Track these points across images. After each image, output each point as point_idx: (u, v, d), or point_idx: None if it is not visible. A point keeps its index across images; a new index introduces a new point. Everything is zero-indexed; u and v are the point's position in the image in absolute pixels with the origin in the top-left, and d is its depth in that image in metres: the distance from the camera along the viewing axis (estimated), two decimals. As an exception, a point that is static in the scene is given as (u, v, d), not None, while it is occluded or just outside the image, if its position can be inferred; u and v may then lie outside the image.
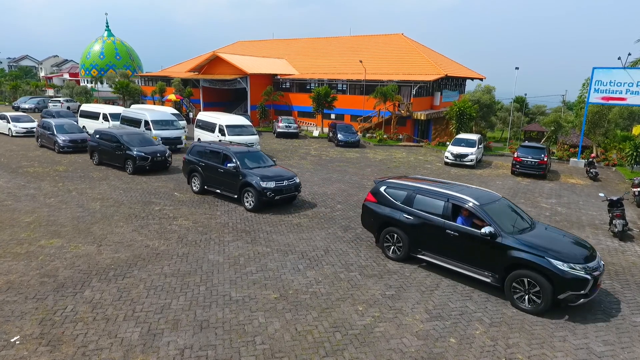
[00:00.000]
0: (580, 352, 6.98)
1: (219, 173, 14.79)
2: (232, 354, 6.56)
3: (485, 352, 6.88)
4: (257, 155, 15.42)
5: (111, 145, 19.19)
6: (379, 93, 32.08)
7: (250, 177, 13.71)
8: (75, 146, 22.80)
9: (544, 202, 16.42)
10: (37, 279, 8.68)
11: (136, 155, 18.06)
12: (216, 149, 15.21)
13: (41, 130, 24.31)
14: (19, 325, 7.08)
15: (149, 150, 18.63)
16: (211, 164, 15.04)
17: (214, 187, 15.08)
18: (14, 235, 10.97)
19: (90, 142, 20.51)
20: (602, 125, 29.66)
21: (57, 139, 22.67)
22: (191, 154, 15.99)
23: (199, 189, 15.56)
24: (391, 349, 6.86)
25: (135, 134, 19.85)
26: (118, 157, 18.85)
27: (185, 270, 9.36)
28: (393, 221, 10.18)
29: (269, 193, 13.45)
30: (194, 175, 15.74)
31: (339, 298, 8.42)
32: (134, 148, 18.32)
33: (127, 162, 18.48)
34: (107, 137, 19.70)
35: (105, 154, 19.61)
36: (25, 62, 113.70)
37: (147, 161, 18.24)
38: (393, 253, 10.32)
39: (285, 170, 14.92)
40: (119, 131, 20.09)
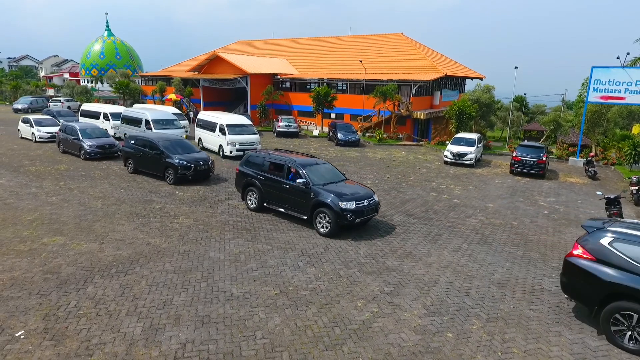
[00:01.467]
0: (575, 346, 7.10)
1: (283, 189, 12.77)
2: (233, 348, 6.68)
3: (482, 346, 6.99)
4: (327, 168, 13.28)
5: (149, 152, 17.45)
6: (379, 92, 32.18)
7: (324, 195, 11.64)
8: (102, 152, 21.01)
9: (543, 201, 16.53)
10: (40, 276, 8.79)
11: (178, 164, 16.40)
12: (278, 161, 13.14)
13: (63, 135, 22.44)
14: (23, 321, 7.20)
15: (191, 158, 16.98)
16: (272, 178, 13.07)
17: (277, 205, 13.09)
18: (17, 233, 11.09)
19: (124, 147, 18.81)
20: (601, 125, 29.79)
21: (83, 144, 20.87)
22: (247, 165, 14.04)
23: (256, 206, 13.61)
24: (389, 343, 6.98)
25: (175, 140, 18.01)
26: (157, 165, 17.18)
27: (186, 267, 9.48)
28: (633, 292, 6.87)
29: (348, 215, 11.29)
30: (250, 190, 13.76)
31: (338, 294, 8.54)
32: (175, 156, 16.69)
33: (167, 172, 16.85)
34: (144, 143, 17.95)
35: (142, 161, 17.94)
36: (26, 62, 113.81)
37: (190, 170, 16.60)
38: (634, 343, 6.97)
39: (361, 187, 12.80)
40: (157, 137, 18.11)
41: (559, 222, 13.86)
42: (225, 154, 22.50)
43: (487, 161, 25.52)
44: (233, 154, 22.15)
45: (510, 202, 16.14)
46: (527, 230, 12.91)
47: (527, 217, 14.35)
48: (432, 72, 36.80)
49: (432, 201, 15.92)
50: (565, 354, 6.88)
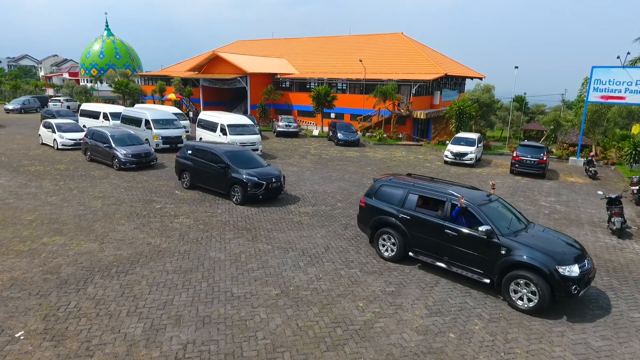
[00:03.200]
0: (578, 347, 7.07)
1: (444, 236, 9.19)
2: (234, 349, 6.64)
3: (484, 347, 6.96)
4: (502, 206, 9.71)
5: (210, 165, 15.12)
6: (379, 92, 32.14)
7: (529, 255, 8.11)
8: (139, 161, 19.03)
9: (543, 201, 16.51)
10: (40, 276, 8.75)
11: (247, 180, 14.03)
12: (434, 194, 9.68)
13: (91, 142, 20.28)
14: (23, 321, 7.16)
15: (262, 173, 14.52)
16: (426, 219, 9.55)
17: (433, 256, 9.51)
18: (17, 233, 11.04)
19: (179, 158, 16.46)
20: (601, 124, 29.77)
21: (117, 153, 18.78)
22: (379, 197, 10.50)
23: (396, 255, 10.04)
24: (391, 343, 6.94)
25: (240, 151, 15.75)
26: (220, 181, 14.85)
27: (187, 267, 9.44)
28: None
29: (572, 288, 7.80)
30: (386, 233, 10.16)
31: (339, 294, 8.50)
32: (243, 170, 14.34)
33: (233, 189, 14.42)
34: (204, 153, 15.52)
35: (201, 175, 15.57)
36: (25, 62, 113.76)
37: (261, 188, 14.13)
38: None
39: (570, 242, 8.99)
40: (220, 147, 15.81)
41: (559, 222, 13.83)
42: None
43: (487, 161, 25.50)
44: None
45: (511, 202, 16.08)
46: (528, 230, 12.87)
47: (528, 216, 14.30)
48: (432, 71, 36.78)
49: (432, 201, 15.87)
50: (568, 354, 6.86)
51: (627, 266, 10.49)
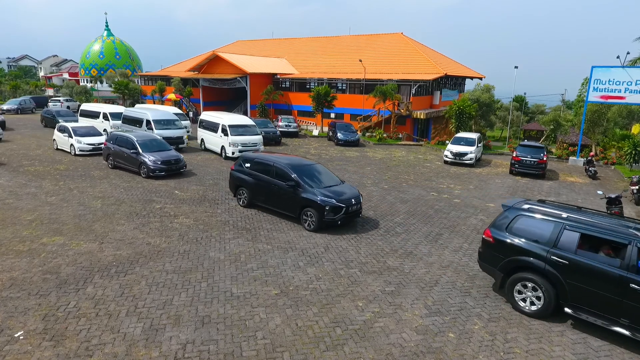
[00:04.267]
0: (577, 346, 7.06)
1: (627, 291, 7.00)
2: (233, 349, 6.64)
3: (484, 346, 6.96)
4: None
5: (276, 183, 12.91)
6: (379, 92, 32.14)
7: None
8: (168, 169, 17.75)
9: (543, 200, 16.49)
10: (39, 276, 8.75)
11: (323, 203, 11.76)
12: (608, 232, 7.43)
13: (115, 148, 18.97)
14: (22, 321, 7.15)
15: (340, 193, 12.21)
16: (599, 270, 7.33)
17: (609, 318, 7.28)
18: (16, 233, 11.04)
19: (235, 172, 14.45)
20: (601, 124, 29.75)
21: (146, 159, 17.52)
22: (515, 233, 8.27)
23: (542, 308, 7.89)
24: (391, 343, 6.94)
25: (311, 166, 13.47)
26: (288, 202, 12.63)
27: (186, 267, 9.44)
28: None
29: None
30: (531, 281, 7.99)
31: (339, 294, 8.50)
32: (317, 190, 12.13)
33: (305, 213, 12.14)
34: (267, 167, 13.37)
35: (264, 194, 13.49)
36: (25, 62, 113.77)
37: (341, 212, 11.86)
38: None
39: None
40: (285, 160, 13.45)
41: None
42: (227, 155, 22.38)
43: (487, 161, 25.49)
44: (235, 155, 22.03)
45: (511, 202, 16.09)
46: (528, 230, 12.86)
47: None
48: (432, 71, 36.79)
49: (432, 201, 15.89)
50: (568, 353, 6.85)
51: (626, 266, 10.47)
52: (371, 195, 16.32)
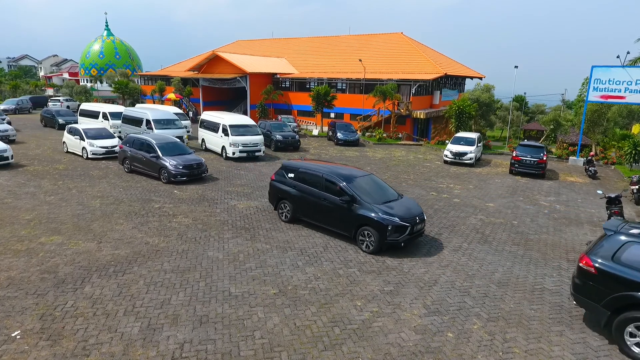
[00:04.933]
0: (577, 346, 7.03)
1: None
2: (231, 348, 6.61)
3: (482, 346, 6.93)
4: None
5: (326, 196, 11.34)
6: (379, 92, 32.11)
7: None
8: (190, 173, 16.89)
9: (543, 200, 16.47)
10: (37, 275, 8.72)
11: (384, 222, 10.22)
12: None
13: (132, 151, 18.09)
14: (19, 320, 7.13)
15: (402, 210, 10.72)
16: None
17: None
18: (15, 233, 11.02)
19: (276, 182, 12.93)
20: (601, 124, 29.72)
21: (167, 164, 16.62)
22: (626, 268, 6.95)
23: None
24: (389, 343, 6.91)
25: (366, 177, 11.91)
26: (341, 218, 11.10)
27: (184, 267, 9.41)
28: None
29: None
30: None
31: (337, 294, 8.47)
32: (376, 206, 10.58)
33: (362, 232, 10.61)
34: (315, 178, 11.85)
35: (311, 208, 11.88)
36: (25, 62, 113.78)
37: (405, 233, 10.35)
38: None
39: None
40: (337, 171, 11.83)
41: (559, 222, 13.80)
42: (228, 155, 22.32)
43: (487, 160, 25.46)
44: (236, 155, 21.97)
45: (511, 202, 16.08)
46: (528, 230, 12.85)
47: (528, 216, 14.29)
48: (432, 71, 36.76)
49: (432, 200, 15.86)
50: (567, 353, 6.82)
51: (626, 265, 10.44)
52: (370, 195, 16.28)
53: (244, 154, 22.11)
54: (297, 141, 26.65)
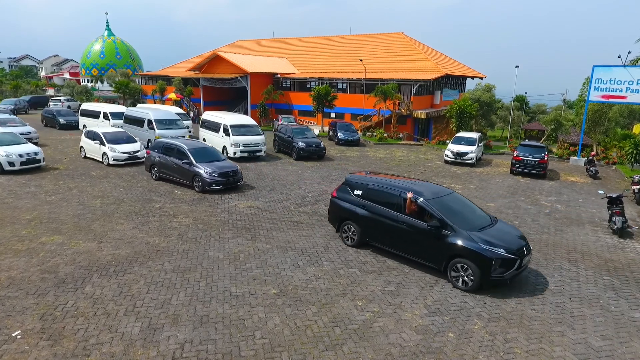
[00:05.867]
0: (578, 346, 7.01)
1: None
2: (232, 348, 6.60)
3: (483, 346, 6.91)
4: None
5: (404, 218, 9.66)
6: (379, 92, 32.09)
7: None
8: (226, 181, 15.71)
9: (544, 200, 16.44)
10: (38, 275, 8.72)
11: (489, 254, 8.47)
12: None
13: (161, 157, 16.88)
14: (20, 320, 7.12)
15: (505, 238, 8.99)
16: None
17: None
18: (15, 232, 11.01)
19: (337, 199, 11.26)
20: (602, 124, 29.63)
21: (201, 171, 15.45)
22: None
23: None
24: (390, 343, 6.89)
25: (450, 196, 10.21)
26: (426, 245, 9.38)
27: (185, 267, 9.40)
28: None
29: None
30: None
31: (338, 294, 8.46)
32: (475, 234, 8.85)
33: (454, 266, 8.88)
34: (390, 196, 10.07)
35: (387, 232, 10.07)
36: (26, 62, 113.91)
37: (513, 268, 8.58)
38: None
39: None
40: (418, 188, 9.94)
41: (560, 222, 13.77)
42: (229, 155, 22.28)
43: (488, 160, 25.42)
44: (237, 155, 21.94)
45: (512, 201, 16.05)
46: (529, 229, 12.82)
47: (529, 216, 14.26)
48: (433, 71, 36.73)
49: (432, 200, 15.81)
50: (568, 354, 6.80)
51: (628, 266, 10.42)
52: (371, 195, 16.27)
53: (245, 154, 22.09)
54: (322, 149, 23.65)
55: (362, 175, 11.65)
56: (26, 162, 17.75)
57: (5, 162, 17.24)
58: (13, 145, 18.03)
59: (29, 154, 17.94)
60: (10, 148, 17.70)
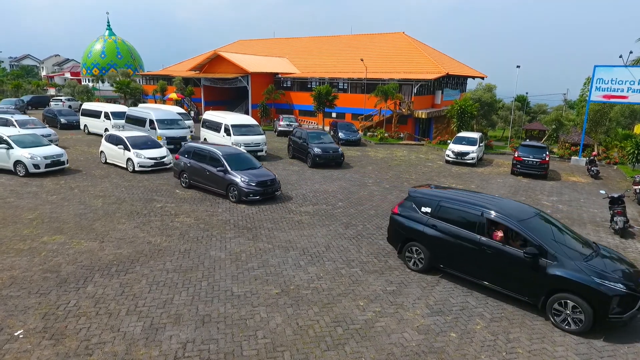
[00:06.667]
0: (581, 347, 7.00)
1: None
2: (234, 348, 6.60)
3: (486, 346, 6.90)
4: None
5: (493, 245, 8.29)
6: (380, 92, 32.09)
7: None
8: (264, 191, 14.48)
9: (546, 200, 16.43)
10: (40, 275, 8.72)
11: (605, 289, 7.14)
12: None
13: (192, 163, 15.70)
14: (22, 320, 7.12)
15: (623, 273, 7.59)
16: None
17: None
18: (17, 232, 11.02)
19: (400, 217, 9.88)
20: (604, 124, 29.60)
21: (237, 180, 14.24)
22: None
23: None
24: (392, 343, 6.89)
25: (534, 219, 8.66)
26: (525, 278, 7.93)
27: (187, 266, 9.41)
28: None
29: None
30: None
31: (340, 293, 8.45)
32: (577, 262, 7.59)
33: (562, 302, 7.48)
34: (468, 216, 8.74)
35: (467, 257, 8.71)
36: (27, 62, 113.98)
37: (634, 307, 7.23)
38: None
39: None
40: (505, 208, 8.72)
41: (562, 221, 13.73)
42: None
43: (489, 160, 25.41)
44: None
45: (513, 201, 16.02)
46: (530, 230, 12.79)
47: (530, 216, 14.23)
48: (434, 71, 36.71)
49: (434, 200, 15.80)
50: (571, 354, 6.79)
51: (629, 266, 10.40)
52: (373, 195, 16.28)
53: None
54: (340, 155, 21.61)
55: (428, 189, 10.29)
56: (51, 164, 17.31)
57: (30, 164, 16.75)
58: (37, 147, 17.52)
59: (53, 156, 17.47)
60: (35, 150, 17.18)
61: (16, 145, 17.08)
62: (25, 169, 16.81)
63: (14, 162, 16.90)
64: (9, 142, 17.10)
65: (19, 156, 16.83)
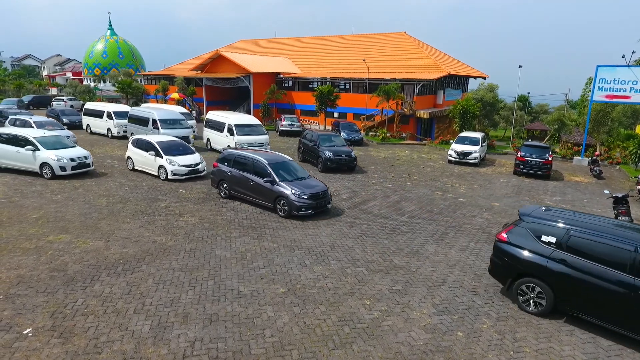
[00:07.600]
0: (587, 345, 7.02)
1: None
2: (242, 346, 6.62)
3: (493, 345, 6.92)
4: None
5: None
6: (382, 91, 32.08)
7: None
8: (317, 205, 13.17)
9: (549, 200, 16.44)
10: (47, 273, 8.76)
11: None
12: None
13: (233, 172, 14.51)
14: (30, 318, 7.16)
15: None
16: None
17: None
18: (23, 231, 11.05)
19: (510, 246, 8.23)
20: (606, 124, 29.62)
21: (287, 192, 12.94)
22: None
23: None
24: (399, 342, 6.91)
25: None
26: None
27: (193, 265, 9.43)
28: None
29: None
30: None
31: (346, 292, 8.48)
32: None
33: None
34: (617, 253, 7.11)
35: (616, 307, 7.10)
36: (28, 61, 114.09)
37: None
38: None
39: None
40: None
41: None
42: None
43: (491, 160, 25.42)
44: None
45: (516, 201, 16.05)
46: (534, 229, 12.81)
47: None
48: (436, 71, 36.69)
49: (437, 200, 15.84)
50: (578, 353, 6.81)
51: (634, 265, 10.41)
52: (376, 194, 16.30)
53: None
54: (353, 159, 20.54)
55: (542, 211, 8.47)
56: (77, 166, 16.93)
57: (57, 166, 16.36)
58: (62, 149, 17.15)
59: (79, 158, 17.09)
60: (61, 152, 16.82)
61: (42, 147, 16.72)
62: (52, 171, 16.40)
63: (40, 164, 16.56)
64: (35, 144, 16.70)
65: (46, 158, 16.47)
